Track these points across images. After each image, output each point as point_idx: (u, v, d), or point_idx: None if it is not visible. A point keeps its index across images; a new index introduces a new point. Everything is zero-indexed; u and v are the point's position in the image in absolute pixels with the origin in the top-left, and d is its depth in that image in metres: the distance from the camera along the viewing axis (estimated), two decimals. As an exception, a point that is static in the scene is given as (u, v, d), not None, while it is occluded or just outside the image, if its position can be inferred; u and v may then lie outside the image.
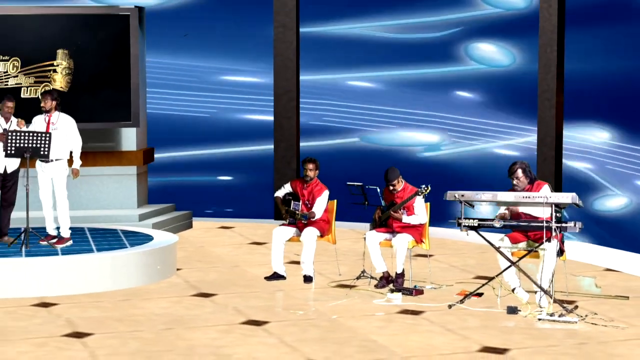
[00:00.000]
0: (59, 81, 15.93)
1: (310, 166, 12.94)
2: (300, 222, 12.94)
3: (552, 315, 10.84)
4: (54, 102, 13.33)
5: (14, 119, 13.42)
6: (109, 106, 16.28)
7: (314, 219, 12.87)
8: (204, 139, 18.53)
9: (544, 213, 11.23)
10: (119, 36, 16.28)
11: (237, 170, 18.55)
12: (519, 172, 11.58)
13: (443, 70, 17.50)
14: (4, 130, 13.22)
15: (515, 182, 11.60)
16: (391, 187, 12.42)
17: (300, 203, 12.92)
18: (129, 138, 16.79)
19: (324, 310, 11.44)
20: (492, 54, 17.34)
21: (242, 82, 18.57)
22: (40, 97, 13.56)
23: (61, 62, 15.93)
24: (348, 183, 12.84)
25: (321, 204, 12.88)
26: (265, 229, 16.62)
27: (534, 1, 16.35)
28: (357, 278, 12.81)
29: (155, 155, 17.49)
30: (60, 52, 15.95)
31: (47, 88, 15.56)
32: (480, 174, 16.95)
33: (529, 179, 11.61)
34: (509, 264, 11.52)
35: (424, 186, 12.26)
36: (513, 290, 11.69)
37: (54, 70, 15.94)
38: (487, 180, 15.90)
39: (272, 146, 18.10)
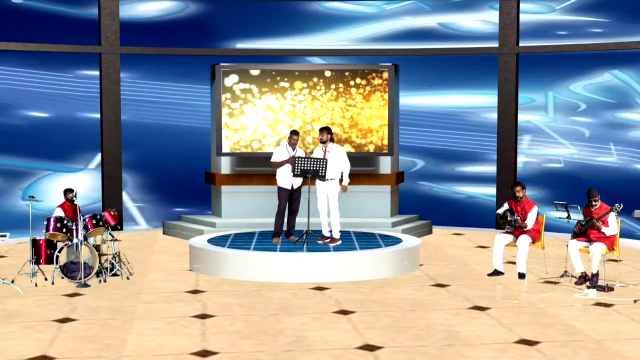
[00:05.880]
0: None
1: (518, 188, 12.78)
2: (516, 230, 12.79)
3: None
4: (329, 136, 13.60)
5: (298, 149, 13.75)
6: (371, 139, 16.52)
7: (526, 228, 12.70)
8: (443, 165, 18.49)
9: None
10: (379, 86, 16.51)
11: (468, 189, 18.44)
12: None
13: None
14: (292, 156, 13.58)
15: (594, 203, 11.69)
16: (593, 203, 12.12)
17: (515, 215, 12.77)
18: (385, 164, 16.95)
19: (533, 301, 11.25)
20: None
21: (475, 121, 18.43)
22: (319, 132, 13.85)
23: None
24: (554, 202, 12.60)
25: (532, 216, 12.68)
26: (489, 235, 16.48)
27: None
28: (561, 276, 12.54)
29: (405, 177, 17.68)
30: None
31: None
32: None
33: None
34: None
35: (617, 204, 11.92)
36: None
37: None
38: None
39: (495, 171, 17.95)
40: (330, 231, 13.71)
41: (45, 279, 12.48)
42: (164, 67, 18.08)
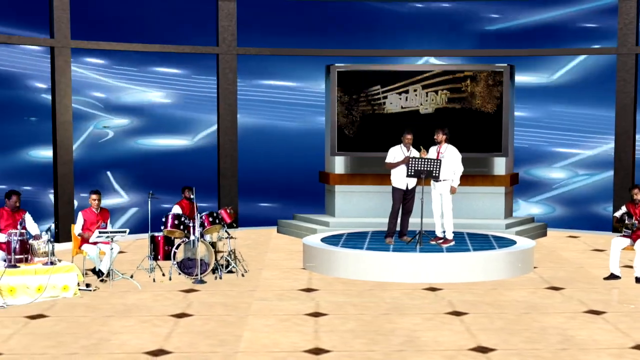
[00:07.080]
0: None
1: (636, 191, 12.51)
2: (634, 234, 12.51)
3: None
4: (444, 137, 13.51)
5: (412, 148, 13.69)
6: (485, 140, 16.37)
7: (645, 231, 12.46)
8: (559, 166, 18.22)
9: None
10: (494, 86, 16.34)
11: (582, 193, 18.13)
12: None
13: None
14: (406, 157, 13.53)
15: None
16: None
17: (633, 219, 12.49)
18: (499, 165, 16.77)
19: (651, 306, 11.02)
20: None
21: (586, 125, 18.11)
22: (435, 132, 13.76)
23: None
24: (672, 206, 12.33)
25: (650, 219, 12.45)
26: (605, 239, 16.15)
27: None
28: (681, 281, 12.26)
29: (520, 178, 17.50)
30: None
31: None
32: None
33: None
34: None
35: None
36: None
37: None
38: None
39: (612, 174, 17.60)
40: (444, 232, 13.63)
41: (163, 275, 12.75)
42: (280, 67, 18.26)
